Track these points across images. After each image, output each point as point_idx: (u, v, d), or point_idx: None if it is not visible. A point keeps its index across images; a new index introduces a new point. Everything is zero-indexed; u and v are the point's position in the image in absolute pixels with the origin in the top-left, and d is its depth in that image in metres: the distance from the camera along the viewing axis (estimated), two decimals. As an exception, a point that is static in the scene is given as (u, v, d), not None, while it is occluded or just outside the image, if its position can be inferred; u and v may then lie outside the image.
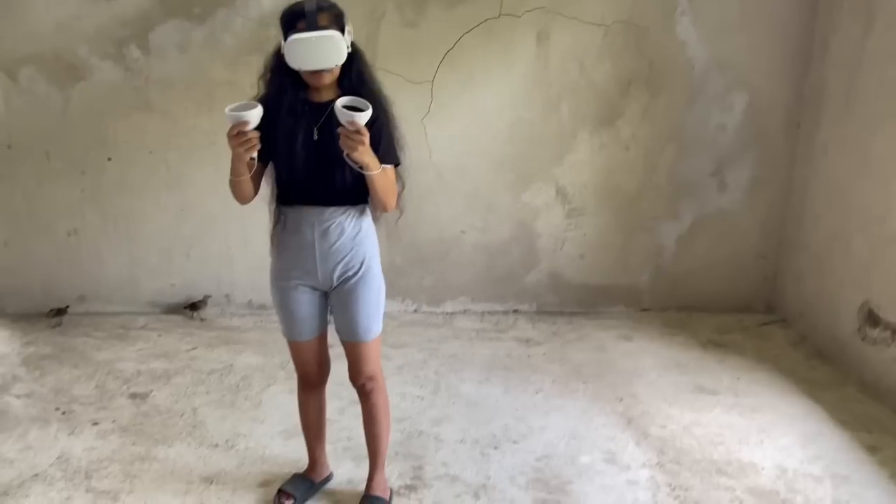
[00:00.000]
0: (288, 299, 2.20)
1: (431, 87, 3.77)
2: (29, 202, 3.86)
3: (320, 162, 2.04)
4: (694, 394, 3.23)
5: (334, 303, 2.22)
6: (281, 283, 2.20)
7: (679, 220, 4.05)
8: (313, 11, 1.94)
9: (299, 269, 2.16)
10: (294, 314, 2.22)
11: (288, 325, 2.25)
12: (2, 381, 3.28)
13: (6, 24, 3.59)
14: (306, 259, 2.14)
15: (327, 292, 2.22)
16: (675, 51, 3.78)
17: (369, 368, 2.30)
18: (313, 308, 2.23)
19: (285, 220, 2.13)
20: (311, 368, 2.35)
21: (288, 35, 1.92)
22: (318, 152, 2.03)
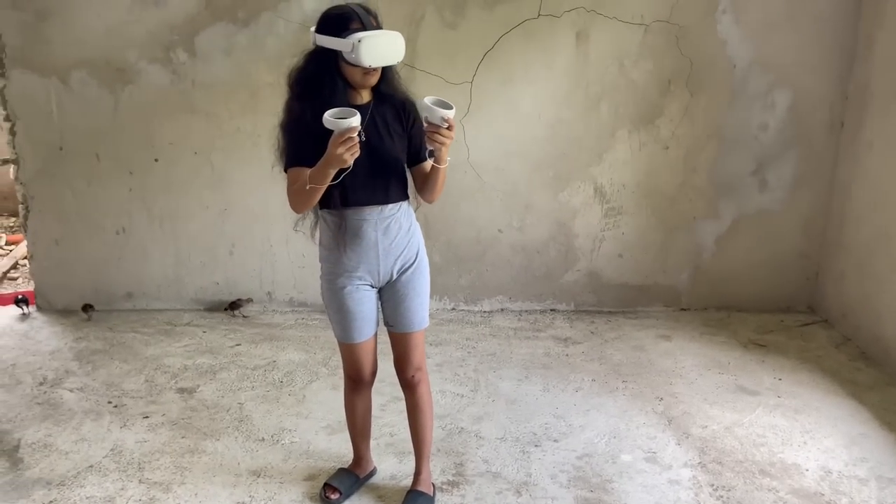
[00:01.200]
0: (350, 301, 2.21)
1: (470, 87, 3.81)
2: (79, 202, 3.98)
3: (373, 162, 2.09)
4: (735, 394, 3.22)
5: (388, 296, 2.27)
6: (343, 286, 2.20)
7: (719, 220, 4.02)
8: (365, 13, 2.01)
9: (362, 269, 2.19)
10: (356, 315, 2.23)
11: (348, 327, 2.25)
12: (55, 375, 3.39)
13: (58, 30, 3.71)
14: (369, 258, 2.17)
15: (381, 289, 2.27)
16: (716, 50, 3.76)
17: (418, 358, 2.34)
18: (372, 306, 2.27)
19: (345, 223, 2.15)
20: (367, 369, 2.37)
21: (345, 34, 1.97)
22: (370, 154, 2.07)
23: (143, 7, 3.69)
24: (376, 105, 2.14)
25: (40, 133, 3.86)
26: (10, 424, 2.97)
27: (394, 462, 2.71)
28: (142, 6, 3.69)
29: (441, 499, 2.50)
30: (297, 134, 2.06)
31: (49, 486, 2.55)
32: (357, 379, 2.40)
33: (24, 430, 2.92)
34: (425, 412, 2.41)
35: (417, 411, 2.41)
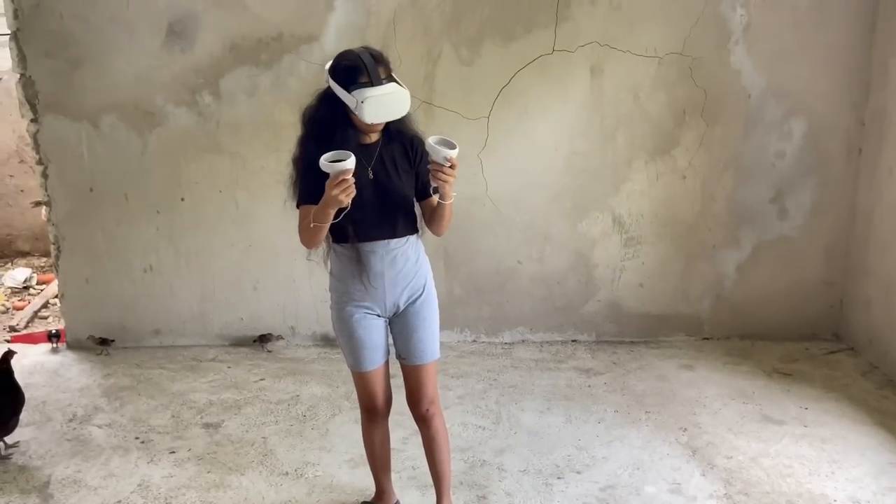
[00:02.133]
0: (359, 328, 2.27)
1: (487, 122, 3.88)
2: (109, 241, 4.09)
3: (382, 200, 2.17)
4: (760, 423, 3.18)
5: (398, 328, 2.32)
6: (351, 314, 2.27)
7: (739, 248, 4.02)
8: (373, 65, 2.06)
9: (369, 299, 2.25)
10: (365, 342, 2.29)
11: (358, 355, 2.31)
12: (84, 412, 3.46)
13: (90, 76, 3.86)
14: (376, 289, 2.24)
15: (390, 319, 2.32)
16: (730, 80, 3.80)
17: (431, 392, 2.37)
18: (381, 334, 2.32)
19: (354, 255, 2.22)
20: (379, 398, 2.40)
21: (351, 89, 2.03)
22: (378, 191, 2.16)
23: (169, 53, 3.83)
24: (385, 144, 2.22)
25: (72, 175, 3.99)
26: (40, 461, 3.03)
27: (416, 496, 2.72)
28: (169, 52, 3.83)
29: (464, 532, 2.50)
30: (307, 172, 2.12)
31: (78, 522, 2.60)
32: (371, 409, 2.42)
33: (55, 467, 2.97)
34: (442, 447, 2.42)
35: (434, 446, 2.41)
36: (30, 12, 3.76)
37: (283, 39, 3.80)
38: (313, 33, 3.79)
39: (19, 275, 6.38)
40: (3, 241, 7.13)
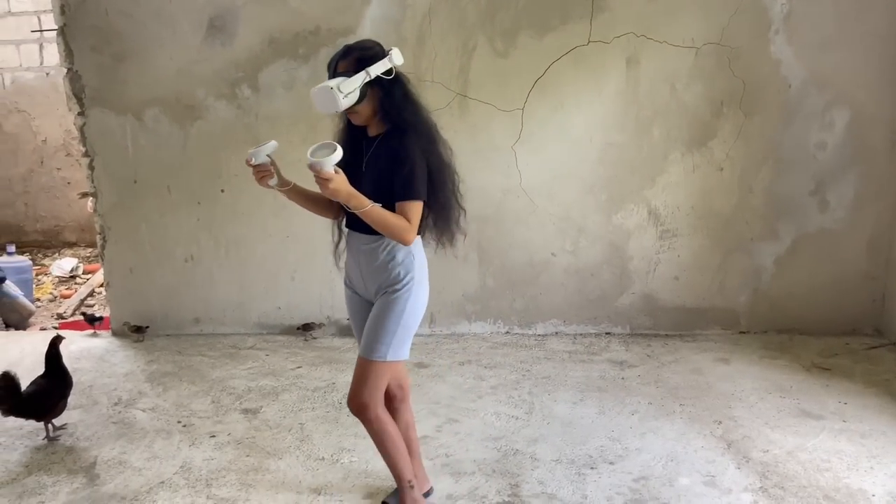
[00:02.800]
0: (349, 306, 2.47)
1: (522, 114, 3.88)
2: (151, 232, 4.20)
3: (364, 194, 2.13)
4: (798, 418, 3.15)
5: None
6: (346, 293, 2.46)
7: (778, 241, 3.96)
8: (336, 58, 2.19)
9: (356, 280, 2.40)
10: (353, 320, 2.46)
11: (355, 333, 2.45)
12: (129, 396, 3.57)
13: (134, 71, 3.96)
14: (357, 274, 2.37)
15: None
16: (769, 70, 3.74)
17: (359, 391, 2.28)
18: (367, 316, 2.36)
19: (346, 239, 2.40)
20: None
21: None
22: (363, 184, 2.17)
23: (210, 48, 3.91)
24: (385, 139, 2.23)
25: (117, 167, 4.11)
26: (87, 443, 3.14)
27: (450, 482, 2.75)
28: (209, 47, 3.91)
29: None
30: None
31: (123, 501, 2.69)
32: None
33: (101, 448, 3.08)
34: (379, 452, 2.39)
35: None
36: (76, 8, 3.88)
37: (321, 33, 3.85)
38: (350, 26, 3.83)
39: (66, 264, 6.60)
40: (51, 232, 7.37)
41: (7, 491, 2.77)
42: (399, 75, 2.20)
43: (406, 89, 2.23)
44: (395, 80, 2.18)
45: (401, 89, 2.21)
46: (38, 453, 3.05)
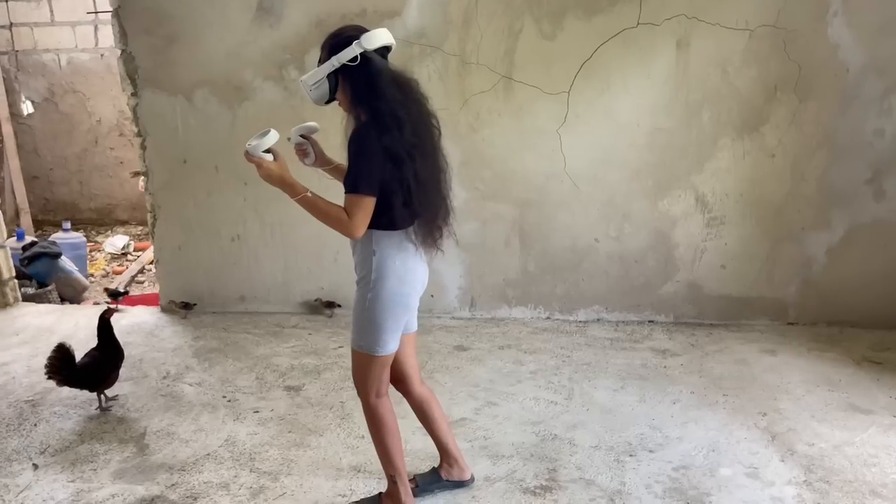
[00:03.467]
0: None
1: (568, 97, 3.83)
2: (199, 211, 4.29)
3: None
4: (846, 412, 3.07)
5: None
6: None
7: (830, 231, 3.85)
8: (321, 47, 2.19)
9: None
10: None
11: None
12: (177, 371, 3.67)
13: (185, 53, 4.04)
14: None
15: None
16: (826, 54, 3.62)
17: (354, 377, 2.37)
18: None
19: None
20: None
21: None
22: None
23: (259, 29, 3.96)
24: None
25: (167, 147, 4.20)
26: (137, 413, 3.24)
27: (488, 464, 2.77)
28: (258, 28, 3.95)
29: (534, 503, 2.53)
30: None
31: (171, 471, 2.78)
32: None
33: (150, 419, 3.18)
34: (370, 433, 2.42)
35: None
36: (130, -10, 3.96)
37: (367, 15, 3.85)
38: (396, 8, 3.83)
39: (118, 242, 6.80)
40: (104, 210, 7.59)
41: (61, 458, 2.89)
42: (369, 61, 2.09)
43: (371, 76, 2.10)
44: (361, 66, 2.08)
45: (365, 76, 2.10)
46: (90, 423, 3.16)
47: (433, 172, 2.21)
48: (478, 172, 4.03)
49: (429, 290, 4.20)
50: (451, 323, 4.19)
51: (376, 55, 2.12)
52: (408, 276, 2.26)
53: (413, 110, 2.15)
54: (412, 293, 2.30)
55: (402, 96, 2.13)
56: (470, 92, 3.90)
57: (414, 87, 2.20)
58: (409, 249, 2.24)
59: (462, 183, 4.04)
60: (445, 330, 4.09)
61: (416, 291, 2.32)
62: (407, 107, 2.13)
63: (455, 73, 3.89)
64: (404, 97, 2.13)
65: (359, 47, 2.08)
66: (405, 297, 2.27)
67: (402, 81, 2.17)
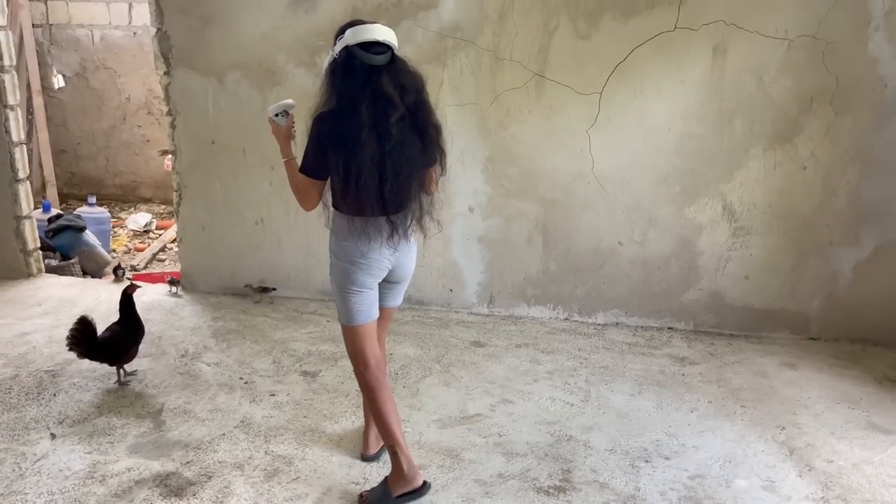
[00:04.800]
0: None
1: (600, 98, 3.81)
2: (225, 192, 4.32)
3: None
4: (866, 431, 3.03)
5: None
6: None
7: (859, 247, 3.80)
8: None
9: None
10: None
11: None
12: (195, 350, 3.69)
13: (219, 34, 4.05)
14: None
15: None
16: (865, 68, 3.56)
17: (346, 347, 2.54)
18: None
19: None
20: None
21: None
22: None
23: (294, 14, 3.96)
24: None
25: (197, 128, 4.22)
26: (155, 390, 3.27)
27: (502, 461, 2.76)
28: (293, 14, 3.96)
29: (547, 502, 2.53)
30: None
31: (187, 448, 2.80)
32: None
33: (168, 396, 3.21)
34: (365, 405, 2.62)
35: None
36: (169, -30, 3.98)
37: (403, 5, 3.85)
38: (432, 0, 3.82)
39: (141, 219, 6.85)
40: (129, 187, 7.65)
41: (79, 429, 2.92)
42: (343, 54, 2.22)
43: (334, 68, 2.25)
44: (340, 59, 2.23)
45: (330, 66, 2.27)
46: (109, 396, 3.20)
47: (392, 168, 2.23)
48: (504, 169, 4.01)
49: (448, 285, 4.27)
50: (469, 318, 4.19)
51: (360, 50, 2.20)
52: (358, 258, 2.37)
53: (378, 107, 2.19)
54: (364, 276, 2.40)
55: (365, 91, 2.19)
56: (501, 88, 3.88)
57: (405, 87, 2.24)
58: (359, 234, 2.33)
59: (488, 179, 4.03)
60: (463, 325, 4.08)
61: (371, 274, 2.41)
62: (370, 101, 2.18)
63: (487, 69, 3.87)
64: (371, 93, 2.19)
65: (342, 42, 2.23)
66: (356, 276, 2.39)
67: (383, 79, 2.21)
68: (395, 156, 2.23)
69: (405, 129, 2.24)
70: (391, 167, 2.23)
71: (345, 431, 2.95)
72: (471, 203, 4.11)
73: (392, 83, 2.22)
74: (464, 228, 4.15)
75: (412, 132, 2.27)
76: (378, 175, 2.22)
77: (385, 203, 2.27)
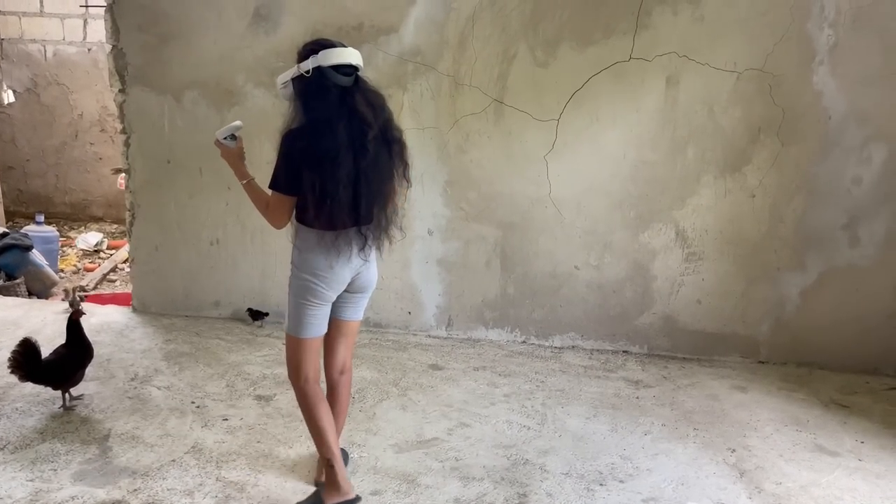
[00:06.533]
0: None
1: (557, 125, 3.88)
2: (180, 212, 4.24)
3: None
4: (813, 453, 3.11)
5: None
6: None
7: (805, 273, 3.92)
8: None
9: None
10: None
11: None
12: (145, 373, 3.60)
13: (177, 52, 4.01)
14: None
15: None
16: (810, 100, 3.71)
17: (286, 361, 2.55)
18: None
19: None
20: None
21: None
22: None
23: (254, 35, 3.95)
24: None
25: (152, 146, 4.16)
26: (102, 415, 3.17)
27: (458, 486, 2.75)
28: (253, 34, 3.95)
29: (503, 527, 2.52)
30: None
31: (134, 476, 2.71)
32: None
33: (115, 422, 3.11)
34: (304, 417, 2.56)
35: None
36: (127, -13, 3.93)
37: (363, 29, 3.87)
38: (393, 24, 3.85)
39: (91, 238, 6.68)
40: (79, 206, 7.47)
41: (20, 456, 2.81)
42: (321, 75, 2.26)
43: (305, 86, 2.30)
44: (312, 78, 2.27)
45: (301, 86, 2.31)
46: (53, 421, 3.09)
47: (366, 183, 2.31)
48: (463, 193, 4.04)
49: (406, 307, 4.26)
50: (427, 341, 4.18)
51: (332, 71, 2.26)
52: (322, 272, 2.39)
53: (354, 126, 2.27)
54: (326, 289, 2.42)
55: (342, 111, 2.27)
56: (461, 113, 3.93)
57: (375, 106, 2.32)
58: (328, 247, 2.37)
59: (447, 202, 4.06)
60: (421, 348, 4.07)
61: (332, 287, 2.44)
62: (346, 121, 2.26)
63: (447, 94, 3.91)
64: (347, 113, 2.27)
65: (314, 61, 2.26)
66: (317, 289, 2.41)
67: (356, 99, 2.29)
68: (370, 172, 2.31)
69: (378, 145, 2.32)
70: (365, 182, 2.31)
71: (299, 457, 2.90)
72: (430, 226, 4.12)
73: (364, 102, 2.31)
74: (423, 251, 4.16)
75: (383, 147, 2.35)
76: (353, 190, 2.29)
77: (358, 217, 2.34)
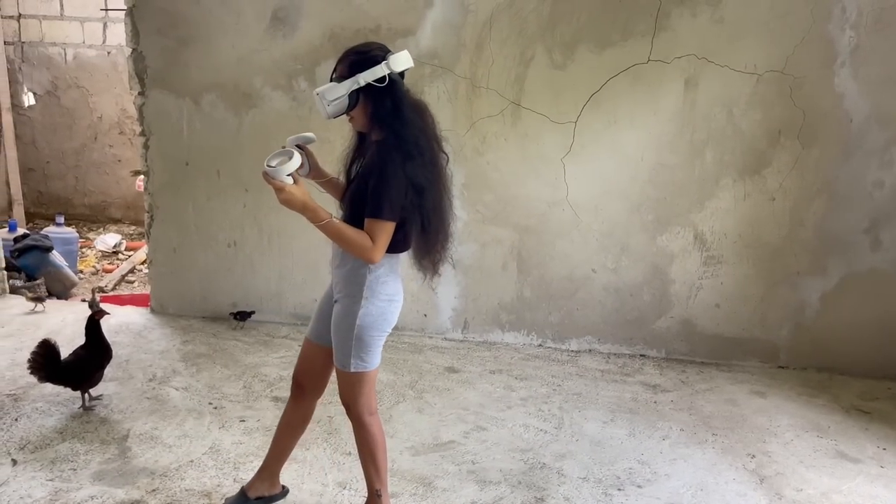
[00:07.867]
0: (325, 292, 2.40)
1: (574, 127, 3.86)
2: (198, 214, 4.27)
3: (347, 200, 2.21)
4: (834, 459, 3.07)
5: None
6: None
7: (825, 277, 3.88)
8: (338, 60, 2.16)
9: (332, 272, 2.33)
10: (318, 309, 2.42)
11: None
12: (163, 374, 3.62)
13: (196, 56, 4.04)
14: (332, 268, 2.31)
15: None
16: (831, 102, 3.67)
17: (346, 397, 2.31)
18: (325, 308, 2.36)
19: None
20: (297, 367, 2.47)
21: None
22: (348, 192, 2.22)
23: (272, 38, 3.97)
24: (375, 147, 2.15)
25: (170, 149, 4.19)
26: (121, 415, 3.19)
27: (475, 489, 2.74)
28: (271, 38, 3.97)
29: (520, 531, 2.51)
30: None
31: (153, 476, 2.73)
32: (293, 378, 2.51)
33: (134, 422, 3.13)
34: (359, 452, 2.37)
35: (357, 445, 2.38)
36: (147, -9, 3.97)
37: (381, 32, 3.88)
38: (410, 28, 3.86)
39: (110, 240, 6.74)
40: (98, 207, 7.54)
41: (41, 455, 2.83)
42: (395, 83, 2.10)
43: (397, 100, 2.11)
44: (387, 88, 2.09)
45: (391, 99, 2.10)
46: (73, 421, 3.11)
47: (444, 199, 2.24)
48: (480, 195, 4.04)
49: (422, 310, 4.25)
50: (443, 344, 4.17)
51: (399, 78, 2.14)
52: (396, 296, 2.27)
53: (430, 137, 2.18)
54: (396, 312, 2.30)
55: (421, 122, 2.16)
56: (478, 115, 3.92)
57: (428, 113, 2.22)
58: (398, 271, 2.27)
59: (463, 205, 4.05)
60: (437, 351, 4.07)
61: (399, 310, 2.32)
62: (426, 133, 2.16)
63: (464, 96, 3.91)
64: (423, 123, 2.17)
65: (387, 68, 2.08)
66: (391, 315, 2.27)
67: (419, 107, 2.20)
68: (449, 190, 2.26)
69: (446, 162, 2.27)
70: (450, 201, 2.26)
71: (315, 458, 2.90)
72: (446, 228, 4.11)
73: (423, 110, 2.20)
74: (439, 254, 4.16)
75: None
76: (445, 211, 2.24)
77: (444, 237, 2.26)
